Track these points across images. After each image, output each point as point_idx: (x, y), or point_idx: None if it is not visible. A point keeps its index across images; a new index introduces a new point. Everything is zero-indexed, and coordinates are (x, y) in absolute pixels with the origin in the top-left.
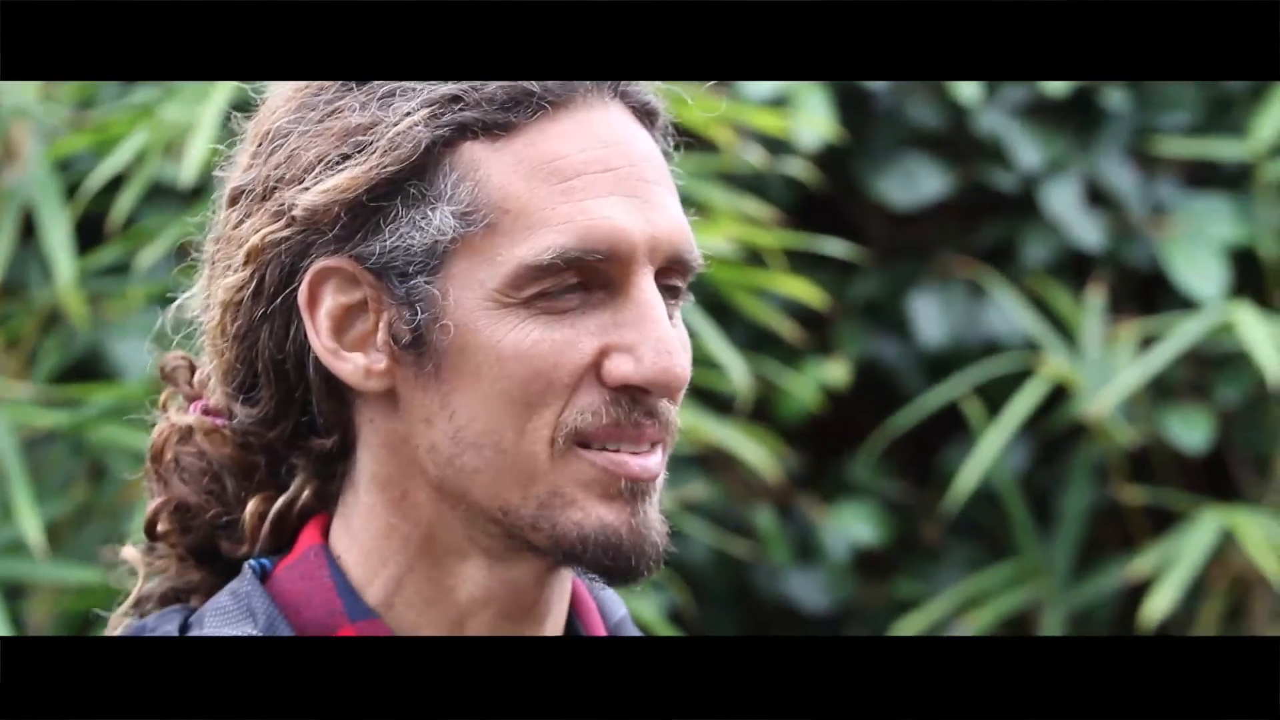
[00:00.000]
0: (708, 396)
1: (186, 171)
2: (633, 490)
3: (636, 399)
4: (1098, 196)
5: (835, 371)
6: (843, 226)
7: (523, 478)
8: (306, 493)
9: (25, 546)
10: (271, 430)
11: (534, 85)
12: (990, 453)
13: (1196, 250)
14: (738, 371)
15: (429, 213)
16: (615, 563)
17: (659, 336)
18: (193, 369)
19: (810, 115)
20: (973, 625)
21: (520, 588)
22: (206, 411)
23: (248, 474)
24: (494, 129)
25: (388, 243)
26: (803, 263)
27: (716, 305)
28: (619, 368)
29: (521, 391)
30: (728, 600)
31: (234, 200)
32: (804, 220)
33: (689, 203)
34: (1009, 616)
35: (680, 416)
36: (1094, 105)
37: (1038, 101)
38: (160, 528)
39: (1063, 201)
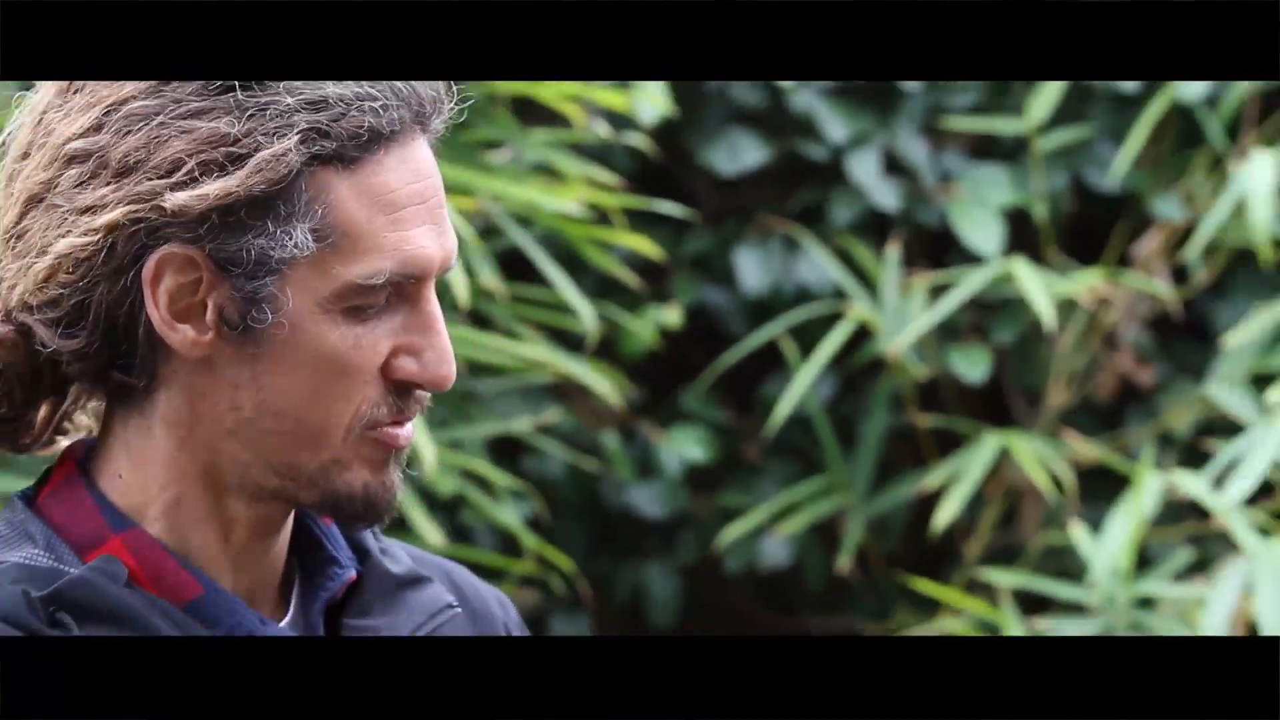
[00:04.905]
0: (562, 335)
1: None
2: (395, 457)
3: (412, 393)
4: (895, 166)
5: (670, 315)
6: (677, 191)
7: (314, 447)
8: (84, 405)
9: None
10: (81, 363)
11: (384, 125)
12: (803, 385)
13: (979, 212)
14: (586, 315)
15: (290, 230)
16: (365, 513)
17: (442, 346)
18: None
19: (649, 94)
20: (787, 530)
21: (274, 517)
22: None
23: (35, 382)
24: (347, 160)
25: (247, 247)
26: (643, 222)
27: (568, 257)
28: (405, 367)
29: (333, 385)
30: (579, 510)
31: (72, 159)
32: (644, 185)
33: (547, 171)
34: (818, 522)
35: (538, 351)
36: (892, 87)
37: (845, 84)
38: None
39: (865, 170)
